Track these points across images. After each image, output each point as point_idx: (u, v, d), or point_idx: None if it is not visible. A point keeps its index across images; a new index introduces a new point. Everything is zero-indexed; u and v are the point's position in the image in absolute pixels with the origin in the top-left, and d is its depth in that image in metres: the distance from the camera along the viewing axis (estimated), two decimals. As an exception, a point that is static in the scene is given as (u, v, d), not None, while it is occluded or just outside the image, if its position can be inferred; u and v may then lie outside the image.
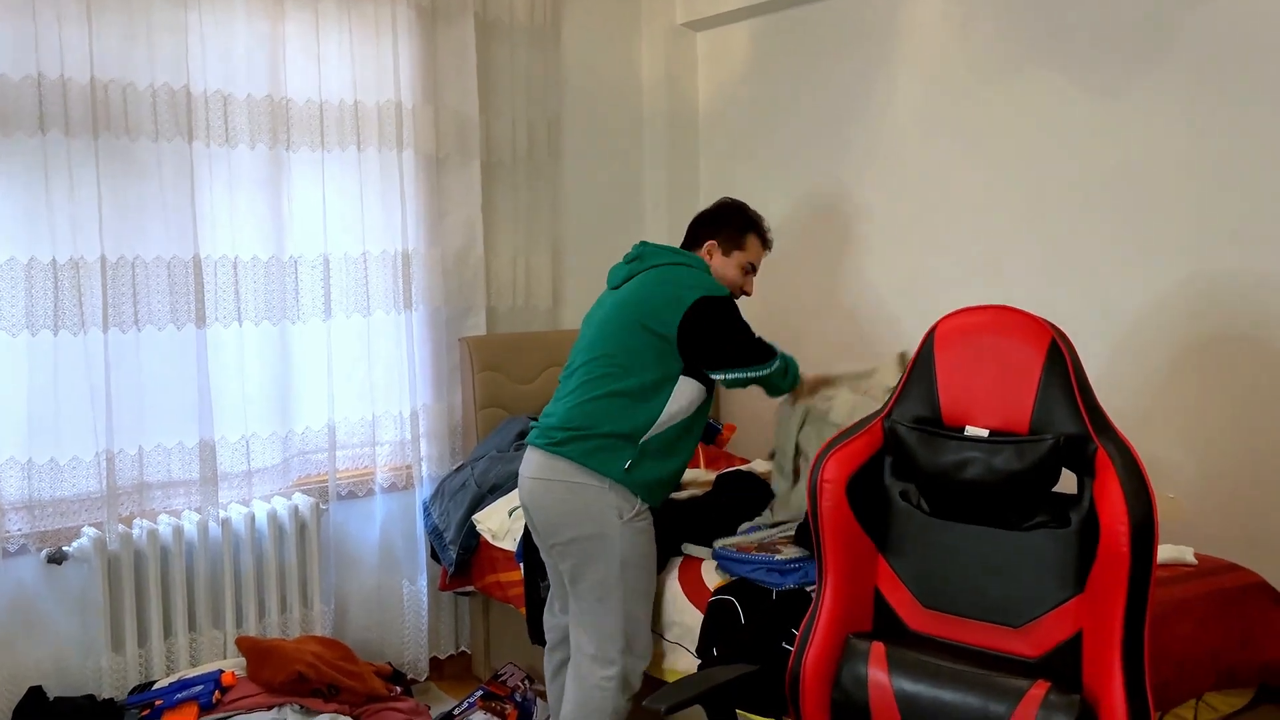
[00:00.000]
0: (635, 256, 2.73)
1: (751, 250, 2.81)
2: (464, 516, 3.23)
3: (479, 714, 2.94)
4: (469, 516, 3.22)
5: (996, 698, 1.71)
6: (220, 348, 3.05)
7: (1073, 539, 1.72)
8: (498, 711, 2.96)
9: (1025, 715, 1.67)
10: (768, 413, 3.76)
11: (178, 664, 2.98)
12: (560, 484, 2.53)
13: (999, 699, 1.70)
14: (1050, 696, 1.66)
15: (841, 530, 1.88)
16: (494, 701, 3.00)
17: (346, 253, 3.28)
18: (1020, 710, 1.68)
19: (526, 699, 3.04)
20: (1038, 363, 1.76)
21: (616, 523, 2.50)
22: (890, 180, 3.42)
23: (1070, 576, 1.72)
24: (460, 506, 3.26)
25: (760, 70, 3.83)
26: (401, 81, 3.31)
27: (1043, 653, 1.74)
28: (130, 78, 2.83)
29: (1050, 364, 1.75)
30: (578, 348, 2.68)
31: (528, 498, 2.61)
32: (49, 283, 2.76)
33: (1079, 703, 1.64)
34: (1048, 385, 1.75)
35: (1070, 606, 1.72)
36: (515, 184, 3.66)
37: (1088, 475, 1.70)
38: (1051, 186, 3.00)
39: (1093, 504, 1.68)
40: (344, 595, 3.35)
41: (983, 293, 2.88)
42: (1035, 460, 1.73)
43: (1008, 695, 1.70)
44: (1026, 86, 3.03)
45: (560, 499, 2.54)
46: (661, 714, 1.73)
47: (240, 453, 3.12)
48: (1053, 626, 1.74)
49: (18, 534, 2.78)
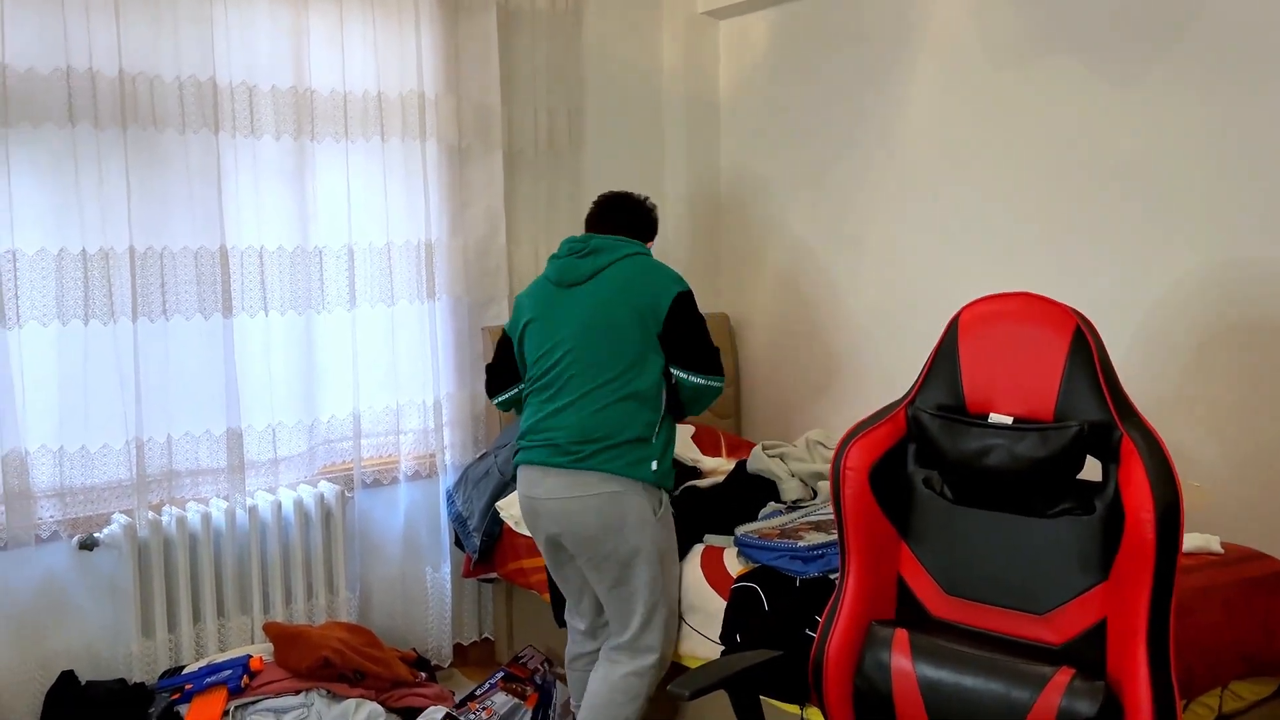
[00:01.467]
0: (590, 250, 2.61)
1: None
2: (487, 504, 3.26)
3: (500, 695, 2.96)
4: (492, 504, 3.25)
5: (1020, 684, 1.71)
6: (247, 337, 3.08)
7: (1097, 526, 1.72)
8: (518, 693, 2.99)
9: (1049, 702, 1.67)
10: (779, 394, 3.78)
11: (206, 649, 3.02)
12: (595, 498, 2.49)
13: (1022, 685, 1.70)
14: (1074, 683, 1.66)
15: (864, 517, 1.89)
16: (514, 683, 3.03)
17: (370, 243, 3.30)
18: (1044, 697, 1.68)
19: (546, 681, 3.07)
20: (1062, 350, 1.75)
21: (653, 521, 2.53)
22: (909, 168, 3.41)
23: (1094, 564, 1.72)
24: (484, 494, 3.29)
25: (781, 59, 3.83)
26: (424, 72, 3.33)
27: (1066, 640, 1.74)
28: (157, 70, 2.86)
29: (1075, 351, 1.74)
30: (555, 350, 2.55)
31: (559, 520, 2.53)
32: (79, 273, 2.79)
33: (1103, 689, 1.64)
34: (1072, 372, 1.74)
35: (1094, 594, 1.72)
36: (537, 174, 3.67)
37: (1112, 462, 1.70)
38: (1070, 174, 2.98)
39: (1118, 491, 1.68)
40: (369, 582, 3.39)
41: (1001, 281, 2.88)
42: (1059, 447, 1.72)
43: (1031, 682, 1.70)
44: (1045, 74, 3.01)
45: (599, 512, 2.50)
46: (686, 699, 1.74)
47: (267, 441, 3.15)
48: (1077, 614, 1.74)
49: (50, 521, 2.82)
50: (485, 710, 2.88)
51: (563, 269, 2.63)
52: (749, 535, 2.59)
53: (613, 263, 2.60)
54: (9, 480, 2.72)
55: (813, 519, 2.66)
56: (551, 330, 2.59)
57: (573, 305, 2.58)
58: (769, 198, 3.91)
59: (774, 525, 2.65)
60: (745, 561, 2.59)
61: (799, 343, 3.85)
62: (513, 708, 2.94)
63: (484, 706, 2.90)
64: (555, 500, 2.53)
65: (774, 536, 2.53)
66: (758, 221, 3.97)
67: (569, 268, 2.62)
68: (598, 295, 2.56)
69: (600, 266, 2.59)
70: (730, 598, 2.52)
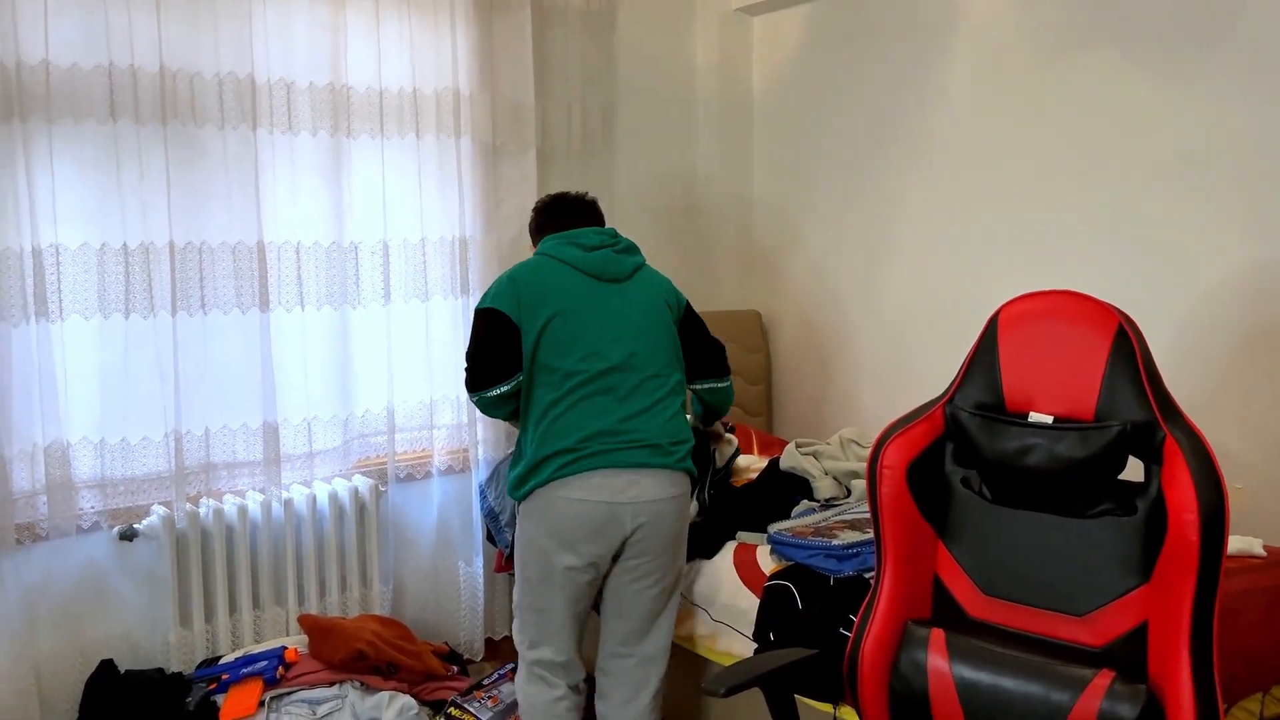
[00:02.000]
0: (624, 247, 2.60)
1: None
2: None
3: (508, 685, 2.97)
4: (524, 500, 3.25)
5: (1059, 686, 1.69)
6: (283, 332, 3.11)
7: (1139, 528, 1.70)
8: None
9: (1089, 704, 1.66)
10: (811, 392, 3.76)
11: (242, 640, 3.05)
12: (680, 499, 2.52)
13: (1062, 687, 1.69)
14: (1115, 686, 1.65)
15: (901, 516, 1.88)
16: None
17: (405, 239, 3.32)
18: (1084, 699, 1.66)
19: None
20: (1104, 348, 1.73)
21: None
22: (945, 164, 3.39)
23: (1135, 566, 1.70)
24: (516, 490, 3.29)
25: (815, 55, 3.81)
26: (459, 69, 3.34)
27: (1106, 642, 1.73)
28: (197, 67, 2.89)
29: (1117, 350, 1.72)
30: (613, 349, 2.47)
31: (646, 523, 2.46)
32: (120, 267, 2.83)
33: (1144, 693, 1.63)
34: (1114, 371, 1.73)
35: (1135, 596, 1.71)
36: (569, 171, 3.67)
37: (1155, 463, 1.68)
38: (1111, 171, 2.95)
39: (1160, 492, 1.66)
40: (402, 576, 3.41)
41: (1038, 279, 2.86)
42: (1100, 447, 1.71)
43: (1071, 684, 1.68)
44: (1086, 68, 2.98)
45: (680, 514, 2.54)
46: (721, 695, 1.74)
47: (302, 435, 3.18)
48: (1117, 616, 1.72)
49: (90, 511, 2.86)
50: (491, 699, 2.90)
51: (604, 262, 2.54)
52: (782, 533, 2.59)
53: (644, 263, 2.63)
54: (51, 471, 2.76)
55: (847, 517, 2.64)
56: (604, 327, 2.48)
57: (624, 303, 2.52)
58: (802, 194, 3.90)
59: (808, 523, 2.64)
60: (779, 559, 2.59)
61: (831, 340, 3.84)
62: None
63: (490, 695, 2.92)
64: (648, 503, 2.45)
65: (808, 534, 2.53)
66: (791, 218, 3.96)
67: (611, 261, 2.55)
68: (646, 294, 2.55)
69: (639, 264, 2.60)
70: (763, 596, 2.51)
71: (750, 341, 3.96)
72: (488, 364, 2.50)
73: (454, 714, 2.77)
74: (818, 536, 2.50)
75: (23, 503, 2.74)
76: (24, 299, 2.69)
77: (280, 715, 2.73)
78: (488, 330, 2.50)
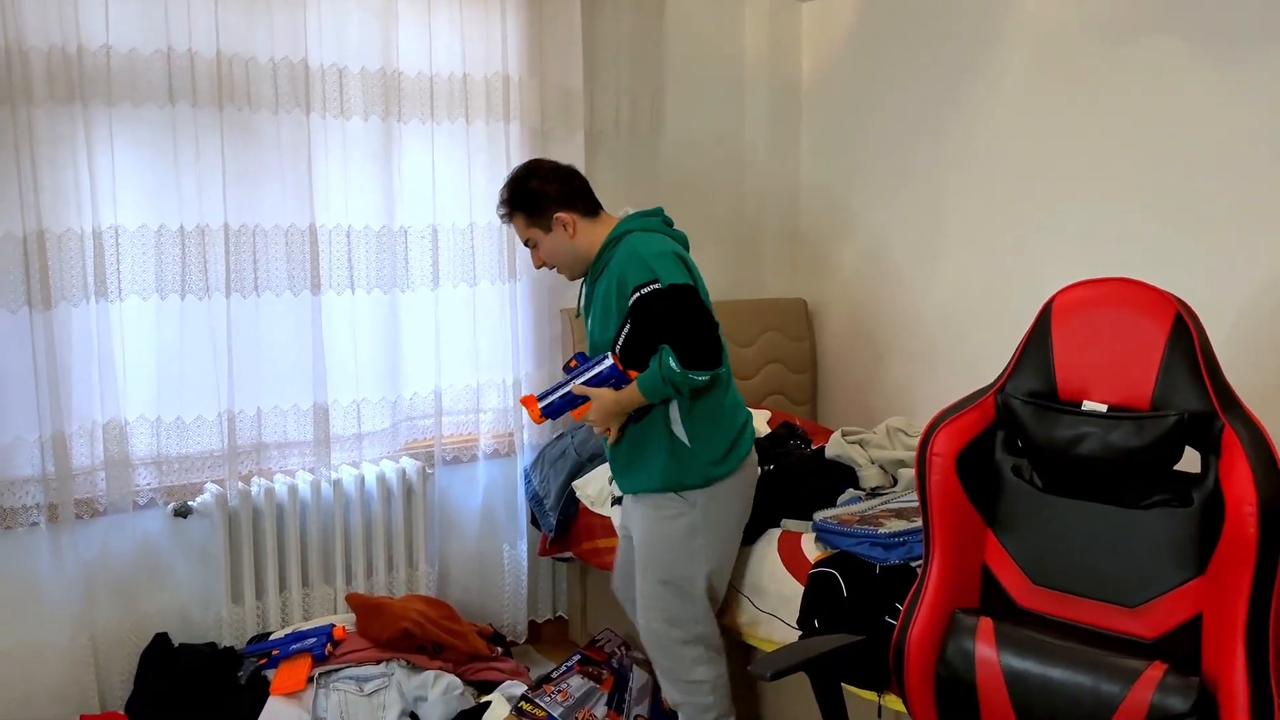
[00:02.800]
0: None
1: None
2: (563, 484, 3.29)
3: (576, 678, 2.99)
4: (568, 484, 3.28)
5: (1110, 678, 1.67)
6: (334, 314, 3.15)
7: (1194, 519, 1.67)
8: (594, 676, 3.02)
9: (1140, 696, 1.64)
10: (856, 381, 3.73)
11: (292, 617, 3.11)
12: None
13: (1112, 679, 1.67)
14: (1167, 678, 1.62)
15: (950, 504, 1.86)
16: (591, 666, 3.05)
17: (454, 223, 3.35)
18: (1135, 691, 1.64)
19: (623, 665, 3.09)
20: (1161, 337, 1.70)
21: None
22: (996, 152, 3.34)
23: (1191, 557, 1.68)
24: (560, 474, 3.32)
25: (866, 41, 3.78)
26: (509, 54, 3.35)
27: (1159, 634, 1.70)
28: (252, 52, 2.92)
29: (1175, 338, 1.69)
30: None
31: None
32: (177, 249, 2.88)
33: (1198, 686, 1.60)
34: (1171, 360, 1.70)
35: (1190, 588, 1.68)
36: (617, 156, 3.68)
37: (1213, 454, 1.65)
38: (1168, 159, 2.89)
39: (1218, 483, 1.63)
40: (447, 557, 3.45)
41: (1090, 268, 2.80)
42: (1156, 437, 1.68)
43: (1122, 675, 1.66)
44: (1145, 54, 2.92)
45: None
46: (767, 679, 1.74)
47: (351, 416, 3.22)
48: (1171, 608, 1.69)
49: (146, 488, 2.93)
50: (560, 693, 2.91)
51: (686, 244, 2.59)
52: (828, 521, 2.58)
53: None
54: (110, 448, 2.83)
55: (893, 506, 2.63)
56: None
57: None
58: (850, 181, 3.87)
59: (853, 511, 2.63)
60: (823, 547, 2.58)
61: (878, 329, 3.81)
62: (588, 691, 2.96)
63: (559, 689, 2.93)
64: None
65: (853, 523, 2.51)
66: (838, 205, 3.93)
67: (686, 244, 2.60)
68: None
69: None
70: (808, 583, 2.51)
71: (795, 329, 3.94)
72: (718, 338, 2.42)
73: (526, 709, 2.80)
74: (864, 524, 2.49)
75: (82, 479, 2.81)
76: (84, 279, 2.75)
77: (329, 691, 2.78)
78: (699, 304, 2.41)
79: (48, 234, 2.67)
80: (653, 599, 2.59)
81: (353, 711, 2.75)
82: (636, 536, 2.63)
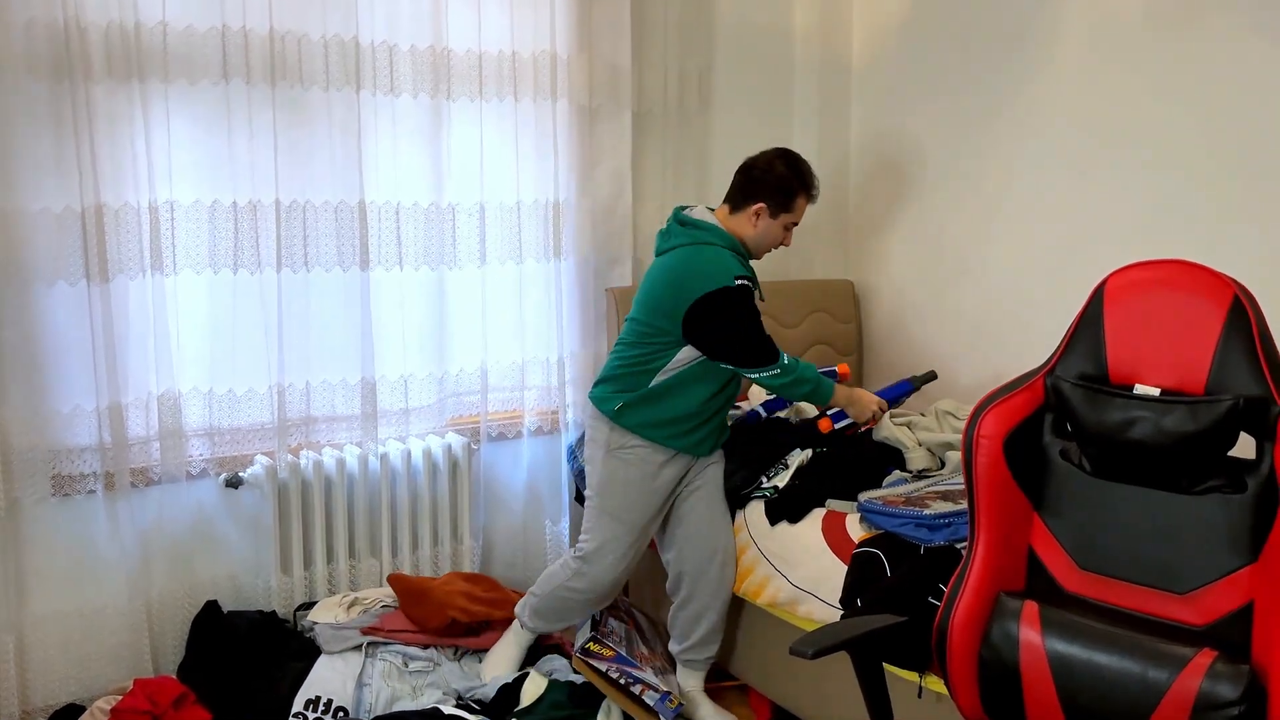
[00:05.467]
0: (666, 232, 2.88)
1: (798, 211, 2.90)
2: (608, 462, 3.30)
3: (613, 621, 3.09)
4: (612, 462, 3.29)
5: (1157, 664, 1.66)
6: (382, 290, 3.18)
7: (1248, 506, 1.64)
8: (619, 617, 3.13)
9: (1188, 683, 1.62)
10: (904, 363, 3.70)
11: (338, 587, 3.16)
12: (587, 416, 2.93)
13: (1160, 665, 1.65)
14: (1216, 666, 1.60)
15: (997, 487, 1.85)
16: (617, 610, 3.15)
17: (501, 201, 3.36)
18: (1183, 678, 1.62)
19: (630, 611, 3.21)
20: (1218, 321, 1.67)
21: (600, 453, 2.83)
22: (1051, 134, 3.28)
23: (1243, 544, 1.65)
24: (604, 452, 3.33)
25: (916, 19, 3.72)
26: (557, 32, 3.35)
27: (1209, 621, 1.68)
28: (304, 29, 2.95)
29: (1232, 321, 1.66)
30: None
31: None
32: (230, 224, 2.92)
33: (1247, 673, 1.58)
34: (1227, 344, 1.66)
35: (1241, 575, 1.65)
36: (664, 135, 3.67)
37: (1269, 440, 1.62)
38: (1228, 143, 2.82)
39: (1273, 470, 1.60)
40: (491, 532, 3.48)
41: (1143, 253, 2.75)
42: (1210, 422, 1.65)
43: (1170, 662, 1.64)
44: (1206, 34, 2.84)
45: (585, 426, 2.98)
46: (809, 657, 1.74)
47: (399, 391, 3.26)
48: (1221, 595, 1.67)
49: (199, 458, 2.99)
50: (613, 634, 3.00)
51: (659, 238, 2.97)
52: (873, 501, 2.57)
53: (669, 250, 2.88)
54: (164, 419, 2.89)
55: (940, 488, 2.61)
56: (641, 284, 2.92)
57: (649, 274, 2.91)
58: (900, 163, 3.82)
59: (899, 493, 2.62)
60: (868, 527, 2.57)
61: (926, 311, 3.77)
62: (625, 632, 3.06)
63: (610, 630, 3.01)
64: None
65: (899, 504, 2.50)
66: (887, 187, 3.89)
67: (658, 239, 2.96)
68: (650, 276, 2.90)
69: (662, 249, 2.92)
70: (851, 563, 2.50)
71: (842, 311, 3.91)
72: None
73: (593, 649, 2.85)
74: (909, 506, 2.48)
75: (137, 448, 2.87)
76: (141, 253, 2.80)
77: (375, 660, 2.83)
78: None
79: (105, 208, 2.73)
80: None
81: (395, 684, 2.80)
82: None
